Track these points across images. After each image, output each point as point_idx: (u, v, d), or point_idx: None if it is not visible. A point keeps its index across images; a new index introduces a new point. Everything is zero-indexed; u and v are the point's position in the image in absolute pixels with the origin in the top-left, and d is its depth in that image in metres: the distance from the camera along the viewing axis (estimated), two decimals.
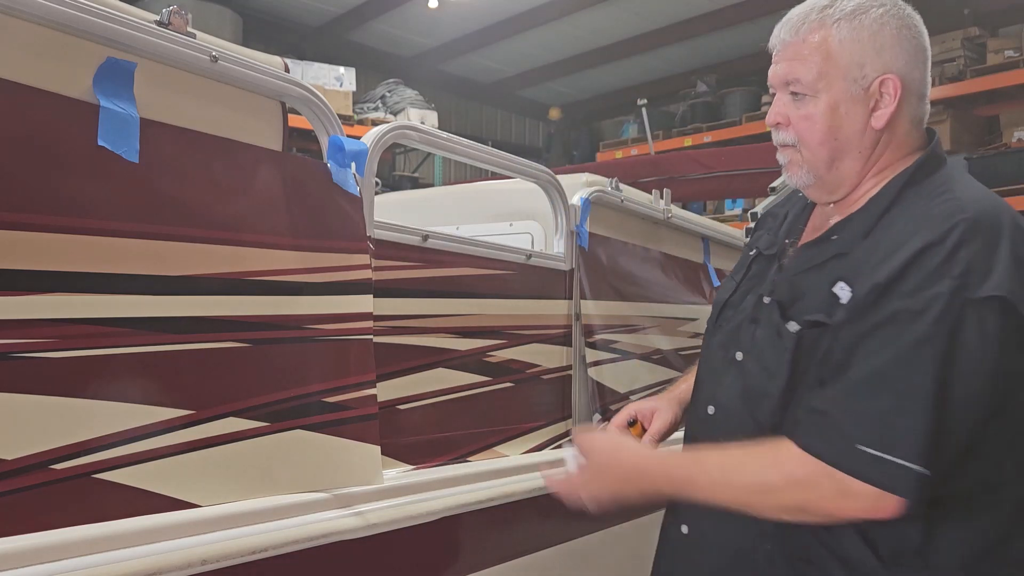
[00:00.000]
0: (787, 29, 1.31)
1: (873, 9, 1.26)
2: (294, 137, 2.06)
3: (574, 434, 1.42)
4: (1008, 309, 1.10)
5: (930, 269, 1.12)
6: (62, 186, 1.07)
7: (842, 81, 1.26)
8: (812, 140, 1.29)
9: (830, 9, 1.27)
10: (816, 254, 1.30)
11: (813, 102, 1.27)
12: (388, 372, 1.52)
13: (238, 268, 1.26)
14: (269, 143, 1.36)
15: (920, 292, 1.11)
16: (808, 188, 1.35)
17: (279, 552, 1.22)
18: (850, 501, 1.10)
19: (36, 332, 1.03)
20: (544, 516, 1.86)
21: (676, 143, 8.79)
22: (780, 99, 1.32)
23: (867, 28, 1.25)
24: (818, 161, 1.29)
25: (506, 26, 8.98)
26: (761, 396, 1.27)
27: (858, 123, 1.27)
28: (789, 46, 1.30)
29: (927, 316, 1.10)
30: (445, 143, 1.75)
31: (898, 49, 1.26)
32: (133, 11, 1.18)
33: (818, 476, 1.11)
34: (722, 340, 1.41)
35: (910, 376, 1.09)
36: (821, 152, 1.29)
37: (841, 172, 1.30)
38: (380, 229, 1.55)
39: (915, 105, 1.29)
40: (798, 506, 1.15)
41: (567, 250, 2.07)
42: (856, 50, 1.25)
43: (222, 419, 1.21)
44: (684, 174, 4.59)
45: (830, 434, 1.12)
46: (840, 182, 1.31)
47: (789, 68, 1.30)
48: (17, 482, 0.99)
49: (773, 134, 1.36)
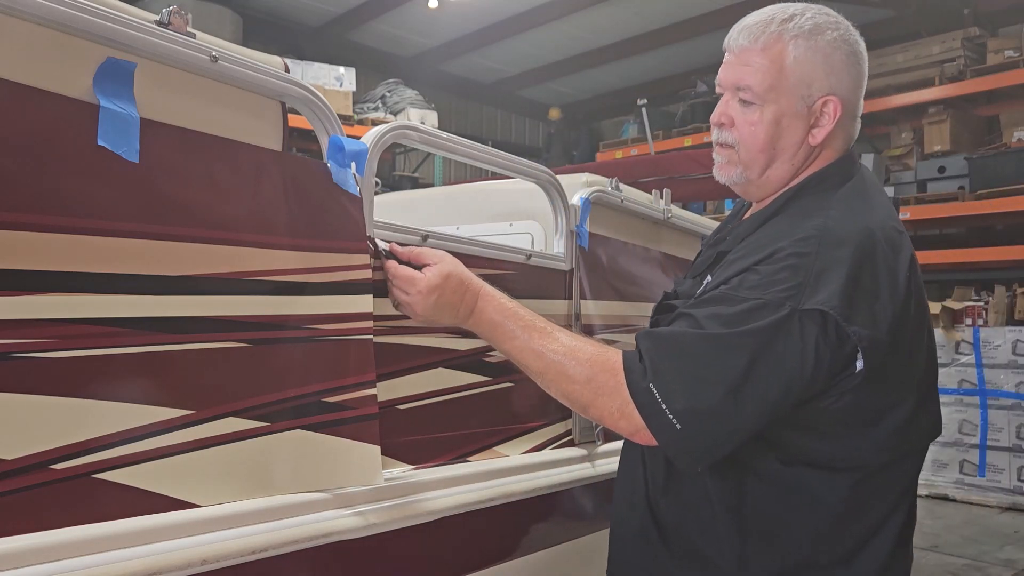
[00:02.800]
0: (745, 35, 1.37)
1: (829, 31, 1.34)
2: (294, 137, 2.06)
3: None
4: (829, 323, 1.20)
5: (771, 272, 1.23)
6: (62, 186, 1.06)
7: (789, 96, 1.34)
8: (753, 146, 1.37)
9: (789, 24, 1.34)
10: (711, 253, 1.44)
11: (759, 110, 1.35)
12: (388, 372, 1.52)
13: (238, 268, 1.26)
14: (269, 143, 1.36)
15: (755, 289, 1.23)
16: (735, 186, 1.44)
17: (279, 552, 1.22)
18: (622, 421, 1.26)
19: (36, 332, 1.03)
20: (544, 516, 1.86)
21: (676, 143, 8.80)
22: (728, 101, 1.39)
23: (821, 50, 1.33)
24: (754, 164, 1.39)
25: (506, 26, 8.99)
26: None
27: (796, 136, 1.36)
28: (745, 51, 1.36)
29: (760, 315, 1.20)
30: (445, 143, 1.75)
31: (844, 74, 1.35)
32: (133, 11, 1.18)
33: (613, 391, 1.25)
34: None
35: (725, 357, 1.20)
36: (759, 157, 1.38)
37: (770, 177, 1.39)
38: (380, 229, 1.55)
39: (849, 125, 1.39)
40: (585, 403, 1.30)
41: (567, 250, 2.07)
42: (807, 69, 1.33)
43: (222, 419, 1.21)
44: (684, 174, 4.59)
45: (639, 367, 1.24)
46: (766, 186, 1.41)
47: (741, 74, 1.36)
48: (17, 482, 0.99)
49: (714, 132, 1.43)
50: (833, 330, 1.20)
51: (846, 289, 1.21)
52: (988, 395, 6.13)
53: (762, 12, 1.38)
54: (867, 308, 1.23)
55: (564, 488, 1.88)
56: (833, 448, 1.30)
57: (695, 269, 1.50)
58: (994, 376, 6.11)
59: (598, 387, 1.27)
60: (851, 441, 1.29)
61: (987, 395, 6.13)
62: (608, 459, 2.06)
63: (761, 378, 1.19)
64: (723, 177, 1.44)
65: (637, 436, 1.25)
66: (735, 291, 1.24)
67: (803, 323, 1.19)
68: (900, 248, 1.31)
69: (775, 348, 1.19)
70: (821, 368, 1.21)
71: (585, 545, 1.98)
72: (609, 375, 1.26)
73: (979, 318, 6.42)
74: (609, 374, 1.26)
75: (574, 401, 1.32)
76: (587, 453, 2.01)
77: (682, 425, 1.20)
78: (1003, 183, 6.86)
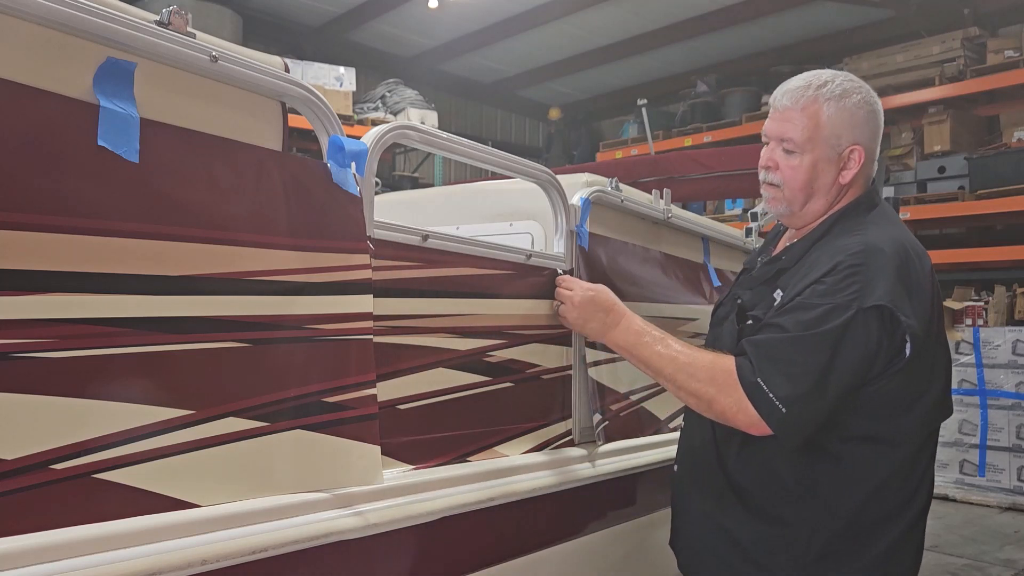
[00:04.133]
0: (789, 96, 1.72)
1: (855, 95, 1.70)
2: (294, 137, 2.05)
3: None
4: (888, 314, 1.52)
5: (835, 282, 1.56)
6: (62, 186, 1.06)
7: (823, 146, 1.69)
8: (795, 185, 1.73)
9: (823, 89, 1.69)
10: (770, 269, 1.77)
11: (799, 157, 1.71)
12: (388, 372, 1.52)
13: (238, 268, 1.26)
14: (269, 143, 1.36)
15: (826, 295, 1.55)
16: (783, 216, 1.82)
17: (279, 552, 1.22)
18: (740, 415, 1.56)
19: (36, 332, 1.03)
20: (544, 516, 1.86)
21: (676, 143, 8.80)
22: (774, 148, 1.75)
23: (848, 109, 1.69)
24: (795, 201, 1.74)
25: (506, 26, 8.99)
26: None
27: (829, 178, 1.71)
28: (788, 110, 1.72)
29: (834, 317, 1.52)
30: (445, 143, 1.75)
31: (865, 127, 1.71)
32: (133, 11, 1.18)
33: (729, 388, 1.57)
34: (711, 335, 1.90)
35: (812, 353, 1.53)
36: (799, 195, 1.73)
37: (809, 210, 1.75)
38: (380, 229, 1.55)
39: (868, 167, 1.74)
40: (708, 398, 1.60)
41: (567, 250, 2.07)
42: (837, 125, 1.68)
43: (222, 419, 1.21)
44: (684, 174, 4.58)
45: (748, 366, 1.56)
46: (806, 216, 1.76)
47: (784, 128, 1.72)
48: (17, 482, 0.99)
49: (762, 173, 1.78)
50: (889, 320, 1.52)
51: (895, 287, 1.53)
52: (988, 395, 6.13)
53: (801, 78, 1.73)
54: (910, 302, 1.55)
55: (564, 488, 1.88)
56: (882, 426, 1.60)
57: (752, 281, 1.81)
58: (994, 376, 6.10)
59: (719, 385, 1.58)
60: (896, 420, 1.60)
61: (987, 395, 6.13)
62: (608, 459, 2.06)
63: (840, 366, 1.52)
64: (771, 210, 1.81)
65: (753, 428, 1.55)
66: (809, 300, 1.56)
67: (867, 318, 1.52)
68: (923, 256, 1.66)
69: (848, 341, 1.51)
70: (881, 354, 1.54)
71: (585, 545, 1.98)
72: (726, 374, 1.57)
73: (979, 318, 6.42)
74: (726, 374, 1.57)
75: (700, 398, 1.62)
76: (587, 453, 2.01)
77: (786, 409, 1.52)
78: (1003, 183, 6.86)
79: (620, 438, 2.12)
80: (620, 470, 2.07)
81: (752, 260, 1.94)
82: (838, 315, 1.51)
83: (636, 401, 2.27)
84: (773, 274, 1.73)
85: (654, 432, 2.30)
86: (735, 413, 1.56)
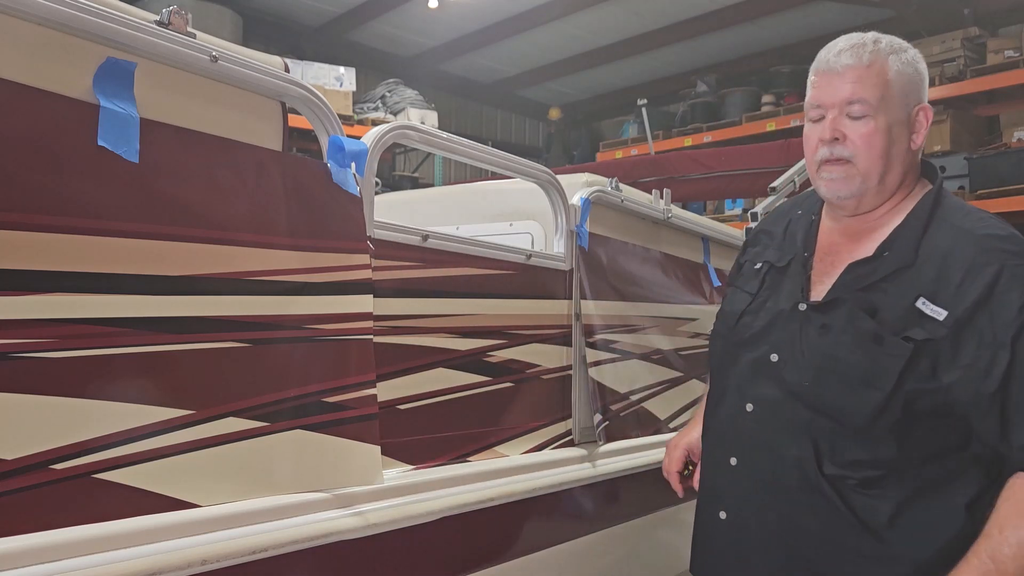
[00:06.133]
0: (849, 55, 1.47)
1: (908, 51, 1.49)
2: (294, 137, 2.06)
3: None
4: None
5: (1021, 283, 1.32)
6: (62, 186, 1.06)
7: (896, 106, 1.45)
8: (872, 154, 1.45)
9: (881, 43, 1.47)
10: (872, 270, 1.44)
11: (873, 121, 1.44)
12: (388, 372, 1.52)
13: (238, 268, 1.26)
14: (269, 143, 1.36)
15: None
16: (851, 198, 1.48)
17: (279, 552, 1.22)
18: None
19: (36, 332, 1.03)
20: (544, 516, 1.86)
21: (676, 143, 8.78)
22: (836, 118, 1.46)
23: (910, 63, 1.48)
24: (872, 173, 1.45)
25: (506, 26, 8.98)
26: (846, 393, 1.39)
27: (904, 143, 1.46)
28: (851, 69, 1.46)
29: None
30: (445, 143, 1.75)
31: (923, 86, 1.50)
32: (133, 11, 1.18)
33: None
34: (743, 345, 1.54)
35: None
36: (877, 165, 1.45)
37: (887, 184, 1.47)
38: (380, 229, 1.55)
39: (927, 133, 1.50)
40: None
41: (567, 250, 2.07)
42: (905, 81, 1.46)
43: (222, 419, 1.21)
44: (684, 174, 4.59)
45: None
46: (883, 192, 1.48)
47: (854, 89, 1.45)
48: (17, 482, 0.99)
49: (824, 150, 1.48)
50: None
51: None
52: None
53: (851, 37, 1.50)
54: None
55: (564, 488, 1.88)
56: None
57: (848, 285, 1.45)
58: None
59: None
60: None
61: None
62: (608, 459, 2.06)
63: None
64: (842, 191, 1.48)
65: None
66: (1020, 318, 1.30)
67: None
68: None
69: None
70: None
71: (585, 545, 1.98)
72: None
73: None
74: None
75: None
76: (587, 453, 2.01)
77: None
78: (1003, 183, 6.85)
79: (620, 438, 2.12)
80: (620, 470, 2.07)
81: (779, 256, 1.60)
82: None
83: (636, 401, 2.27)
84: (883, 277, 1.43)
85: (654, 432, 2.30)
86: None
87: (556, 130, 11.14)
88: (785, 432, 1.43)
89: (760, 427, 1.48)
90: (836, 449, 1.39)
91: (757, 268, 1.62)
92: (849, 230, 1.53)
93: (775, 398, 1.46)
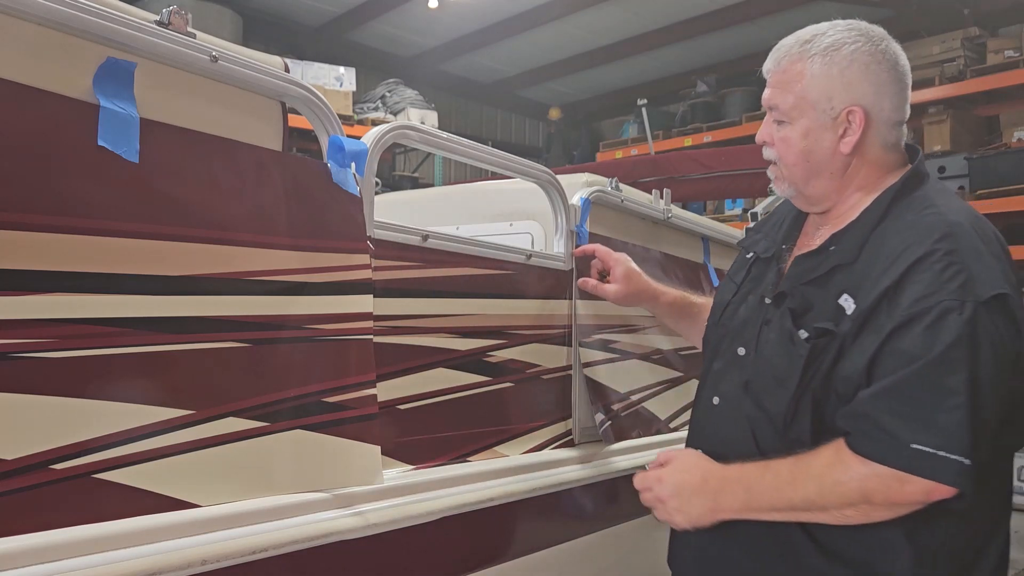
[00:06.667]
0: (773, 59, 1.49)
1: (846, 46, 1.41)
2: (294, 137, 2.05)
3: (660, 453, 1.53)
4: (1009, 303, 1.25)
5: (931, 277, 1.25)
6: (62, 186, 1.07)
7: (813, 111, 1.42)
8: (788, 160, 1.46)
9: (809, 44, 1.44)
10: (816, 264, 1.43)
11: (790, 127, 1.45)
12: (388, 372, 1.52)
13: (238, 268, 1.26)
14: (269, 143, 1.36)
15: (929, 298, 1.24)
16: (793, 198, 1.53)
17: (279, 552, 1.22)
18: (907, 493, 1.23)
19: (36, 332, 1.03)
20: (544, 516, 1.86)
21: (676, 143, 8.79)
22: (767, 120, 1.50)
23: (837, 64, 1.41)
24: (795, 178, 1.47)
25: (506, 26, 8.98)
26: (769, 391, 1.40)
27: (827, 147, 1.43)
28: (771, 74, 1.48)
29: (947, 322, 1.22)
30: (445, 143, 1.75)
31: (865, 83, 1.41)
32: (133, 11, 1.18)
33: (877, 472, 1.23)
34: (725, 338, 1.56)
35: (946, 377, 1.21)
36: (796, 170, 1.46)
37: (817, 189, 1.46)
38: (380, 229, 1.55)
39: (885, 131, 1.44)
40: (863, 497, 1.25)
41: (567, 250, 2.07)
42: (826, 84, 1.41)
43: (222, 419, 1.21)
44: (684, 174, 4.59)
45: (879, 437, 1.24)
46: (819, 197, 1.48)
47: (770, 95, 1.48)
48: (17, 482, 0.99)
49: (763, 150, 1.52)
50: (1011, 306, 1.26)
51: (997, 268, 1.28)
52: None
53: (792, 35, 1.48)
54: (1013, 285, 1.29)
55: (564, 488, 1.88)
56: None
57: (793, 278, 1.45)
58: None
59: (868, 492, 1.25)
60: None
61: None
62: (608, 459, 2.06)
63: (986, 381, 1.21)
64: (781, 192, 1.53)
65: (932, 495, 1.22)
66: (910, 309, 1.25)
67: (991, 312, 1.23)
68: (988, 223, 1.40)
69: (982, 348, 1.22)
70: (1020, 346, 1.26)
71: (585, 545, 1.98)
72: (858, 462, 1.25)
73: None
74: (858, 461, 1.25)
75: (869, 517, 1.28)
76: (587, 453, 2.01)
77: (970, 459, 1.19)
78: (1003, 183, 6.85)
79: (625, 438, 2.12)
80: (620, 470, 2.07)
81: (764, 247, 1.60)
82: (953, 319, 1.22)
83: (637, 401, 2.27)
84: (825, 272, 1.40)
85: (655, 432, 2.30)
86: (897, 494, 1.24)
87: (556, 130, 11.14)
88: (736, 427, 1.45)
89: (721, 421, 1.50)
90: (767, 448, 1.40)
91: (748, 258, 1.63)
92: (817, 222, 1.53)
93: (734, 393, 1.47)
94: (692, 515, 1.43)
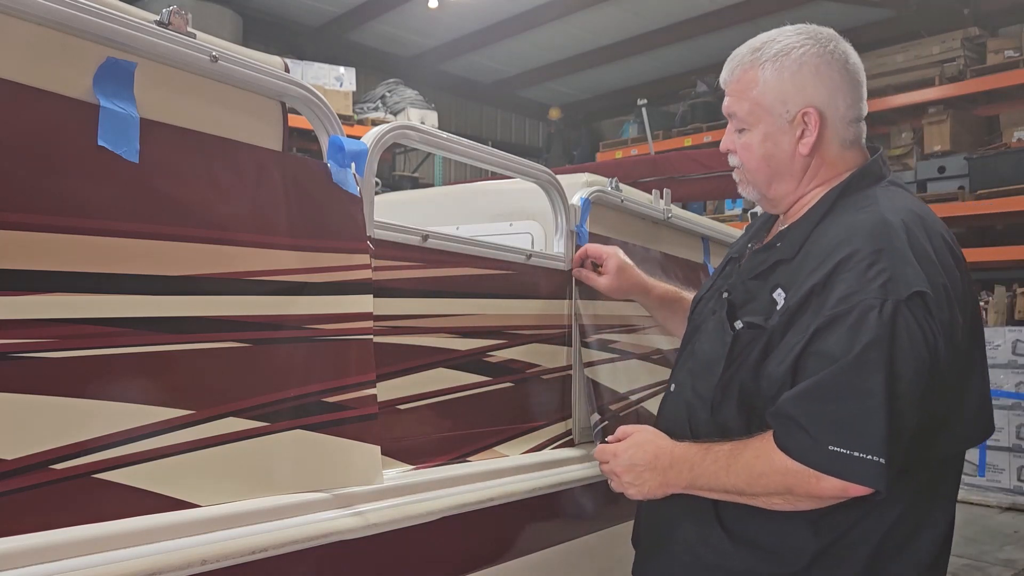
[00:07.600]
0: (728, 69, 1.53)
1: (795, 50, 1.46)
2: (294, 137, 2.05)
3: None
4: (928, 300, 1.27)
5: (855, 276, 1.29)
6: (62, 186, 1.07)
7: (769, 115, 1.47)
8: (750, 165, 1.52)
9: (759, 52, 1.48)
10: (762, 259, 1.50)
11: (749, 133, 1.50)
12: (388, 372, 1.52)
13: (238, 268, 1.26)
14: (269, 143, 1.36)
15: (851, 297, 1.28)
16: (759, 201, 1.58)
17: (279, 552, 1.22)
18: (824, 489, 1.27)
19: (36, 332, 1.03)
20: (544, 516, 1.86)
21: (676, 143, 8.80)
22: (729, 129, 1.55)
23: (788, 68, 1.45)
24: (758, 182, 1.53)
25: (506, 26, 8.99)
26: (701, 376, 1.49)
27: (787, 150, 1.48)
28: (729, 84, 1.53)
29: (867, 321, 1.25)
30: (445, 143, 1.75)
31: (818, 84, 1.45)
32: (133, 11, 1.18)
33: (796, 469, 1.28)
34: (690, 331, 1.65)
35: (864, 378, 1.24)
36: (759, 175, 1.52)
37: (779, 191, 1.52)
38: (380, 229, 1.55)
39: (841, 130, 1.48)
40: (786, 489, 1.31)
41: (567, 250, 2.07)
42: (778, 88, 1.46)
43: (222, 419, 1.21)
44: (684, 174, 4.59)
45: (800, 437, 1.28)
46: (780, 198, 1.53)
47: (728, 103, 1.52)
48: (17, 482, 0.99)
49: (728, 158, 1.57)
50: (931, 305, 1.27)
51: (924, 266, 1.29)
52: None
53: (744, 44, 1.52)
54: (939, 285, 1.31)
55: (564, 488, 1.88)
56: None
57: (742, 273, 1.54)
58: (994, 376, 6.10)
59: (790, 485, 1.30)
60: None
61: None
62: None
63: (904, 378, 1.24)
64: (747, 196, 1.58)
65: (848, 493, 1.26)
66: (834, 309, 1.28)
67: (911, 310, 1.26)
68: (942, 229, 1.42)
69: (900, 345, 1.24)
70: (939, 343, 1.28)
71: (585, 545, 1.98)
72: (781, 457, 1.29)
73: None
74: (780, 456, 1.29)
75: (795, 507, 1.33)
76: (587, 453, 2.01)
77: (885, 458, 1.23)
78: (1003, 183, 6.86)
79: None
80: None
81: (739, 247, 1.68)
82: (873, 318, 1.25)
83: (635, 401, 2.27)
84: (768, 267, 1.47)
85: None
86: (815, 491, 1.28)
87: (556, 130, 11.15)
88: (678, 410, 1.54)
89: (671, 405, 1.60)
90: (699, 431, 1.47)
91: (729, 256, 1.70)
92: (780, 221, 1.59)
93: (683, 379, 1.57)
94: (644, 489, 1.49)
